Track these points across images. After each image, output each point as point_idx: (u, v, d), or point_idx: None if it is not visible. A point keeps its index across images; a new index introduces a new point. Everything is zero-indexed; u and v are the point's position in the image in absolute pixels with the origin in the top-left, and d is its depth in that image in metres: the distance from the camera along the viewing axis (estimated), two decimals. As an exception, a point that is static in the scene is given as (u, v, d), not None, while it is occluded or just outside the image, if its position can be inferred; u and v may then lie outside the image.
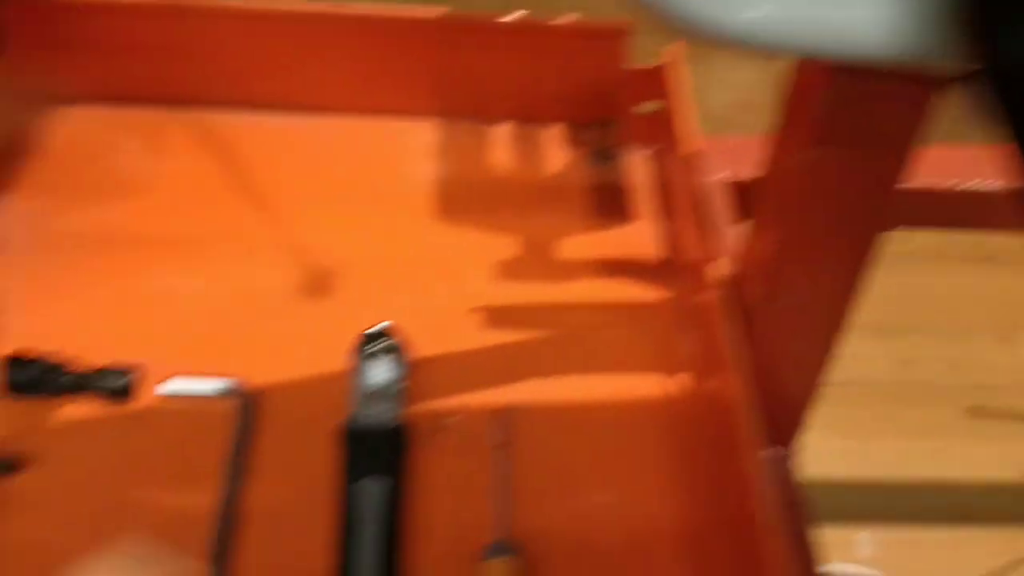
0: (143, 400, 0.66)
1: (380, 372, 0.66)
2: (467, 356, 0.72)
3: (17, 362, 0.65)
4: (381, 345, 0.67)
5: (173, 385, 0.66)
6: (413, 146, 0.87)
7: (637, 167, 0.88)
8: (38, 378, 0.64)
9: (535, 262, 0.79)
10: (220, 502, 0.61)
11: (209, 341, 0.70)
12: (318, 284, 0.75)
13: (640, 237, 0.82)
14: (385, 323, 0.67)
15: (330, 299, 0.74)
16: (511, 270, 0.78)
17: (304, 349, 0.70)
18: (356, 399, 0.65)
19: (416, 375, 0.68)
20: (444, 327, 0.73)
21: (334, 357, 0.69)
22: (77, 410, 0.66)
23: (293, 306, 0.73)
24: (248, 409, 0.66)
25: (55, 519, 0.61)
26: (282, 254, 0.76)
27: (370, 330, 0.67)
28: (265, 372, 0.68)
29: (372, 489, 0.61)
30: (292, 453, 0.65)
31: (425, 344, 0.69)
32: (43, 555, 0.59)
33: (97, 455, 0.64)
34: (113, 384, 0.65)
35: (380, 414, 0.65)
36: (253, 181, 0.82)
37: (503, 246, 0.79)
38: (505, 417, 0.67)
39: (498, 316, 0.74)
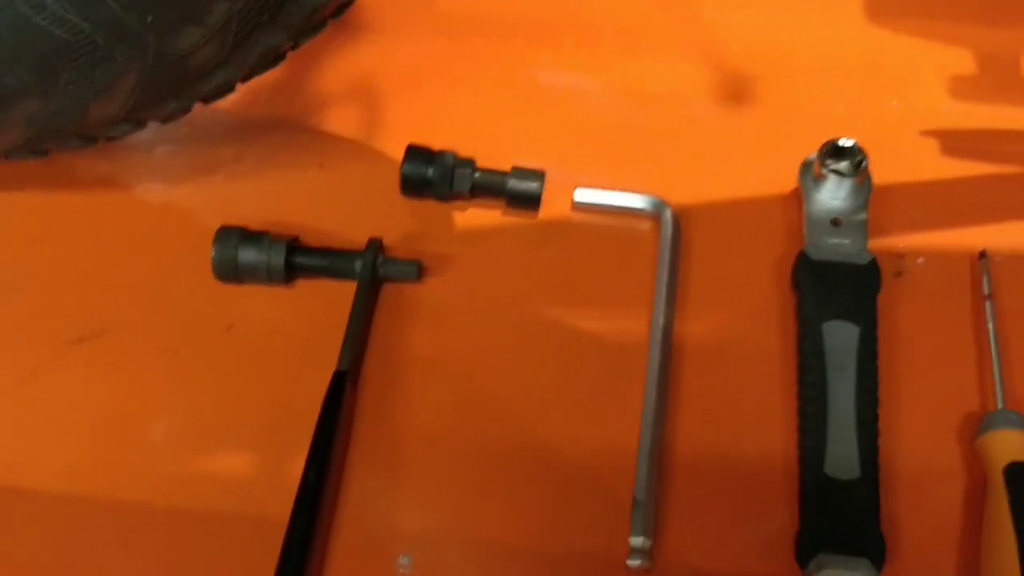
0: (555, 209, 0.58)
1: (839, 196, 0.55)
2: (929, 186, 0.59)
3: (417, 155, 0.57)
4: (842, 164, 0.55)
5: (590, 195, 0.57)
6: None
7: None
8: (442, 176, 0.57)
9: (997, 81, 0.64)
10: (653, 331, 0.52)
11: (620, 150, 0.61)
12: (740, 90, 0.63)
13: None
14: (846, 139, 0.55)
15: (756, 108, 0.63)
16: (970, 88, 0.63)
17: (732, 164, 0.60)
18: (811, 226, 0.54)
19: (870, 205, 0.56)
20: (896, 148, 0.60)
21: (770, 176, 0.58)
22: (482, 215, 0.58)
23: (714, 115, 0.62)
24: (676, 229, 0.56)
25: (457, 331, 0.54)
26: (696, 55, 0.65)
27: (828, 146, 0.55)
28: (689, 189, 0.58)
29: (843, 332, 0.50)
30: (727, 282, 0.55)
31: (877, 170, 0.56)
32: (446, 367, 0.53)
33: (505, 266, 0.56)
34: (524, 188, 0.57)
35: (845, 246, 0.53)
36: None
37: (956, 58, 0.65)
38: (984, 265, 0.54)
39: (960, 141, 0.61)
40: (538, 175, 0.57)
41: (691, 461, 0.50)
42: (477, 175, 0.57)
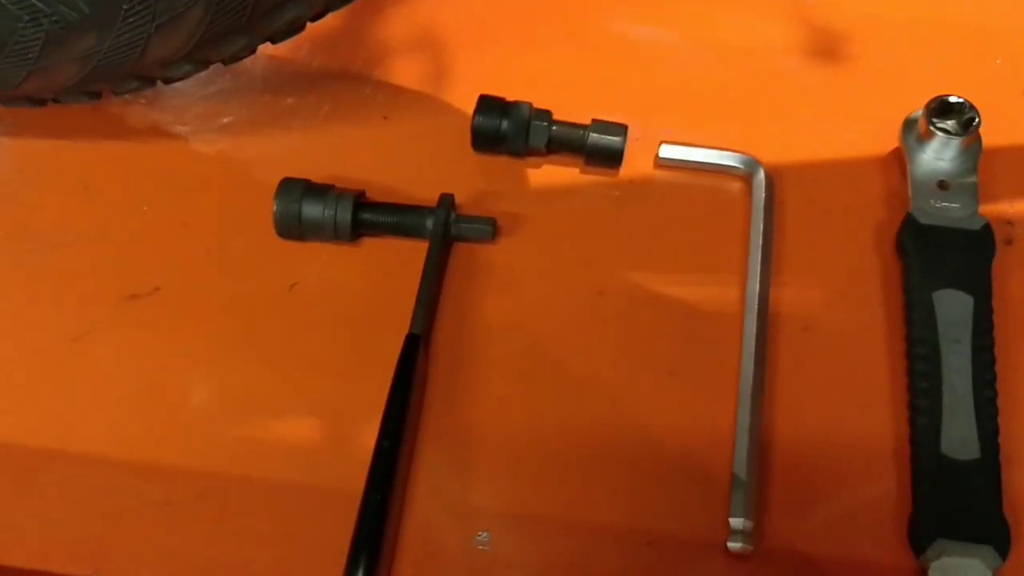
0: (637, 167, 0.54)
1: (945, 157, 0.51)
2: (1041, 151, 0.55)
3: (491, 106, 0.53)
4: (949, 123, 0.51)
5: (676, 152, 0.53)
6: None
7: None
8: (517, 129, 0.53)
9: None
10: (748, 299, 0.49)
11: (706, 105, 0.57)
12: (831, 46, 0.59)
13: None
14: (956, 96, 0.51)
15: (850, 65, 0.59)
16: (1079, 46, 0.59)
17: (825, 123, 0.56)
18: (917, 189, 0.50)
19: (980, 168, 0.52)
20: (1001, 109, 0.56)
21: (867, 135, 0.54)
22: (559, 172, 0.55)
23: (804, 70, 0.58)
24: (770, 190, 0.52)
25: (532, 296, 0.50)
26: (784, 7, 0.61)
27: (936, 102, 0.51)
28: (780, 148, 0.54)
29: (956, 302, 0.46)
30: (825, 248, 0.52)
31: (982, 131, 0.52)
32: (521, 334, 0.49)
33: (583, 227, 0.53)
34: (605, 143, 0.53)
35: (954, 210, 0.49)
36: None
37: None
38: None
39: (1070, 104, 0.56)
40: (620, 129, 0.53)
41: (792, 439, 0.46)
42: (555, 128, 0.53)
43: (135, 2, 0.42)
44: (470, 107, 0.53)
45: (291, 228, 0.50)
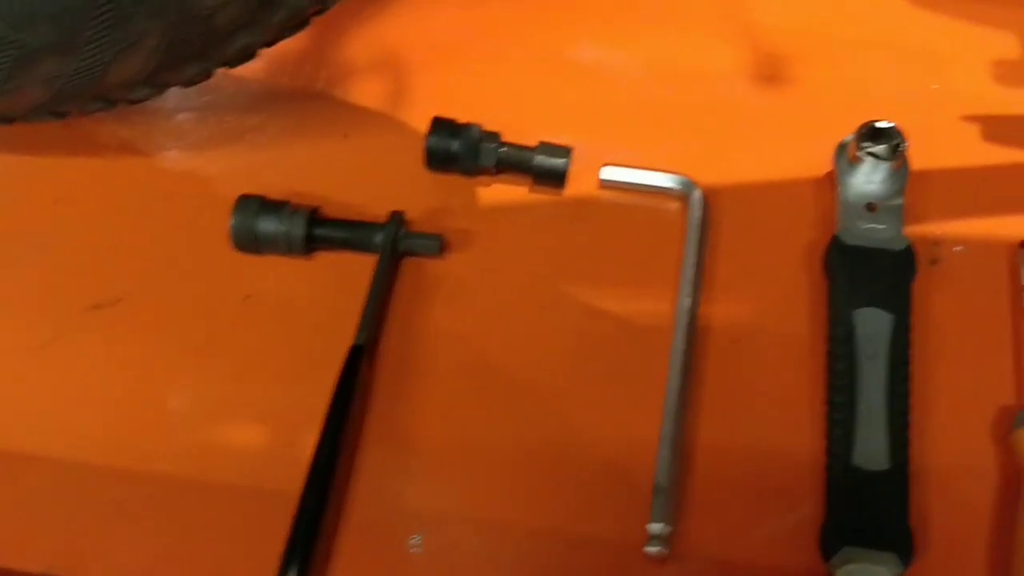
0: (582, 187, 0.57)
1: (875, 180, 0.53)
2: (969, 173, 0.57)
3: (443, 128, 0.56)
4: (879, 147, 0.53)
5: (617, 173, 0.56)
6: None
7: None
8: (467, 150, 0.55)
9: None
10: (679, 314, 0.51)
11: (649, 128, 0.59)
12: (775, 69, 0.61)
13: None
14: (884, 121, 0.53)
15: (791, 89, 0.61)
16: (1014, 73, 0.61)
17: (765, 146, 0.58)
18: (845, 210, 0.53)
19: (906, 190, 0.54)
20: (936, 133, 0.58)
21: (804, 158, 0.57)
22: (508, 191, 0.57)
23: (747, 94, 0.61)
24: (705, 210, 0.54)
25: (478, 309, 0.53)
26: (730, 32, 0.63)
27: (866, 128, 0.53)
28: (719, 170, 0.57)
29: (876, 320, 0.48)
30: (756, 267, 0.54)
31: (915, 154, 0.54)
32: (465, 345, 0.52)
33: (528, 244, 0.55)
34: (550, 164, 0.55)
35: (880, 232, 0.52)
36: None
37: (1000, 42, 0.62)
38: (1022, 255, 0.52)
39: (1002, 127, 0.59)
40: (565, 151, 0.55)
41: (714, 449, 0.48)
42: (503, 150, 0.56)
43: (95, 30, 0.45)
44: (426, 127, 0.56)
45: (247, 242, 0.53)
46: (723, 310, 0.52)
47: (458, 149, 0.55)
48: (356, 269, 0.53)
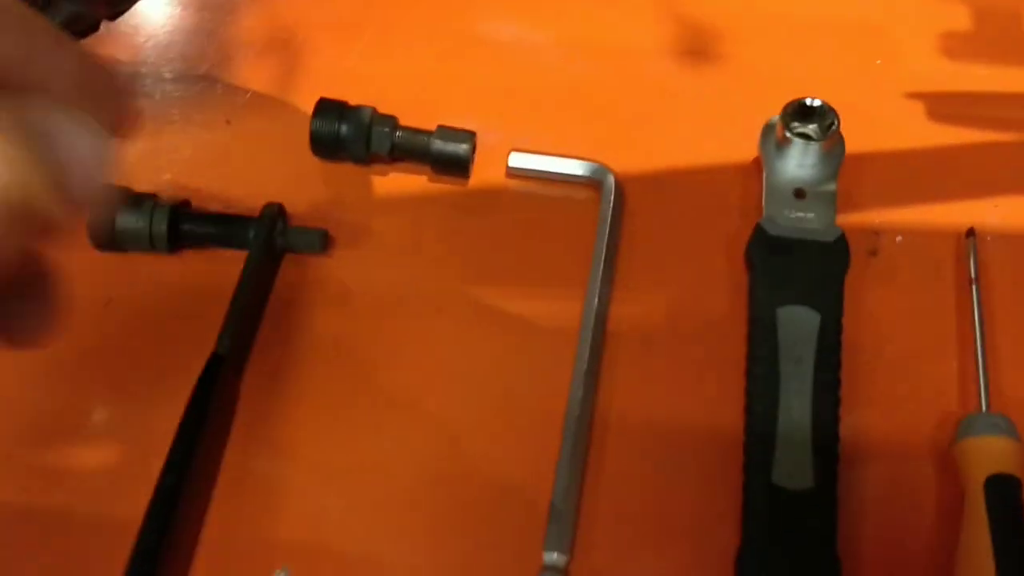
0: (488, 176, 0.51)
1: (805, 164, 0.48)
2: (913, 155, 0.52)
3: (330, 109, 0.50)
4: (809, 127, 0.48)
5: (526, 160, 0.50)
6: None
7: None
8: (357, 134, 0.50)
9: (996, 39, 0.57)
10: (585, 314, 0.46)
11: (564, 110, 0.54)
12: (701, 46, 0.56)
13: None
14: (814, 100, 0.48)
15: (719, 67, 0.56)
16: (964, 47, 0.56)
17: (688, 129, 0.53)
18: (770, 197, 0.47)
19: (842, 175, 0.49)
20: (878, 113, 0.53)
21: (730, 142, 0.51)
22: (406, 181, 0.52)
23: (671, 72, 0.55)
24: (619, 200, 0.49)
25: (368, 312, 0.47)
26: (651, 6, 0.58)
27: (793, 105, 0.48)
28: (637, 156, 0.51)
29: (802, 319, 0.43)
30: (675, 261, 0.49)
31: (854, 136, 0.49)
32: (351, 353, 0.46)
33: (427, 238, 0.50)
34: (450, 150, 0.50)
35: (809, 221, 0.46)
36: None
37: (949, 13, 0.57)
38: (970, 244, 0.47)
39: (950, 105, 0.54)
40: (467, 136, 0.50)
41: (623, 467, 0.43)
42: (398, 134, 0.50)
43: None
44: (315, 110, 0.50)
45: (106, 239, 0.47)
46: (638, 309, 0.47)
47: (347, 133, 0.50)
48: (230, 269, 0.47)
